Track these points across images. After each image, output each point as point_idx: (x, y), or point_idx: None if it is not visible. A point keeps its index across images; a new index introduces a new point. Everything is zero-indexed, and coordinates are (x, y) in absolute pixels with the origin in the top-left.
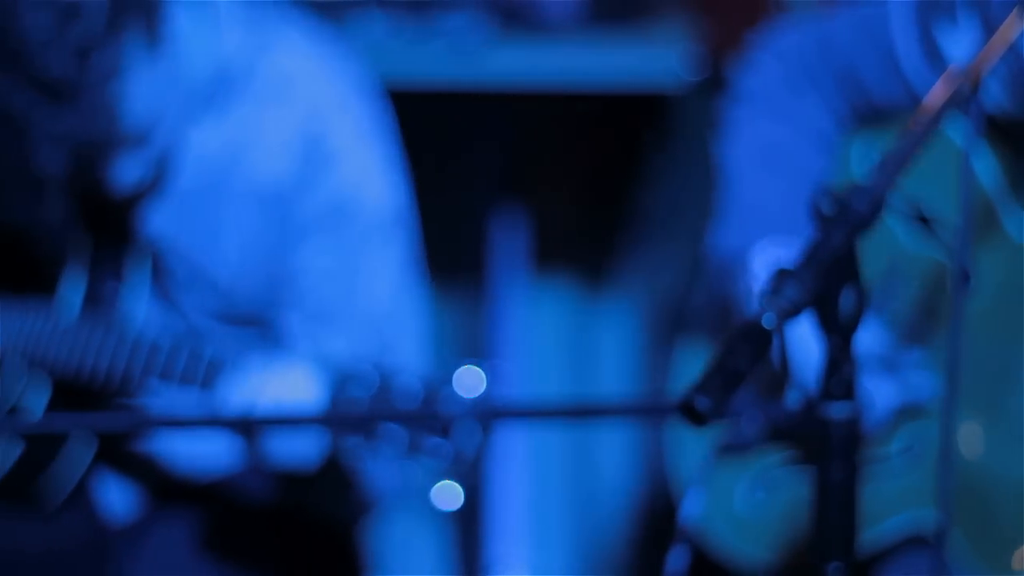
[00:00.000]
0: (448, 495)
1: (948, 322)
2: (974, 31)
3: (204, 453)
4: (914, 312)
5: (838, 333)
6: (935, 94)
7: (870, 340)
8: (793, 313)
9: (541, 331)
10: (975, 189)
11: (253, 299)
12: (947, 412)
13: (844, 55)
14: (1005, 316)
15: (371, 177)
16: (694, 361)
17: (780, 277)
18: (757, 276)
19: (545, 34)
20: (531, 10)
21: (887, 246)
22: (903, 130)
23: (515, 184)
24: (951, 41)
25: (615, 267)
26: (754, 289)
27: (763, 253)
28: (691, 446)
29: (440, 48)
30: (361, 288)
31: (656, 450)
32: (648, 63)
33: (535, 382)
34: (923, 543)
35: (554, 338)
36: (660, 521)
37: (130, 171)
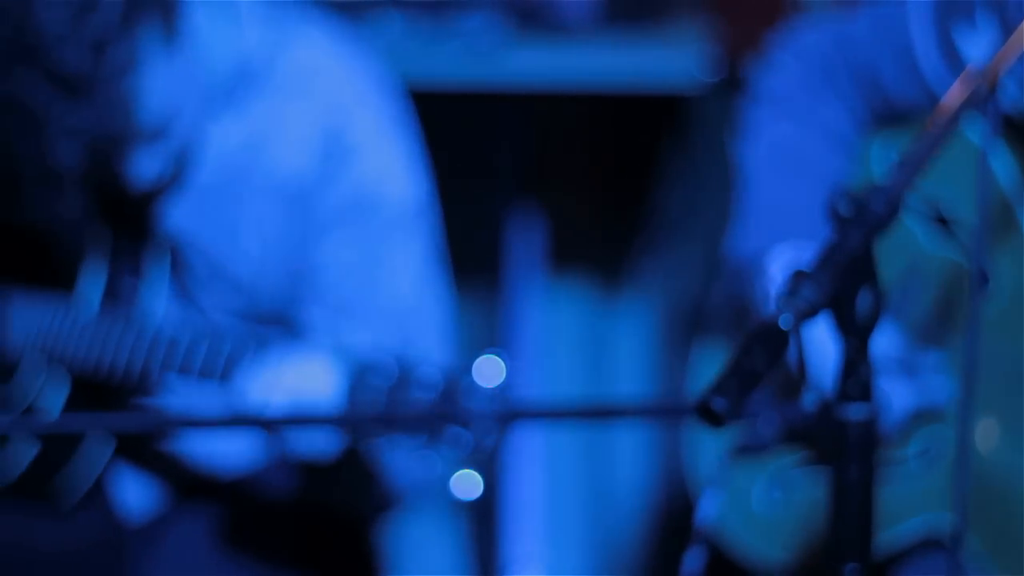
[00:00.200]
0: (467, 484)
1: (965, 323)
2: (993, 32)
3: (226, 451)
4: (932, 314)
5: (855, 334)
6: (953, 94)
7: (887, 342)
8: (810, 314)
9: (558, 331)
10: (993, 189)
11: (274, 295)
12: (964, 414)
13: (863, 56)
14: (1023, 317)
15: (392, 171)
16: (711, 362)
17: (797, 278)
18: (774, 279)
19: (562, 35)
20: (548, 11)
21: (906, 248)
22: (921, 131)
23: (532, 184)
24: (970, 43)
25: (632, 268)
26: (771, 293)
27: (780, 256)
28: (707, 447)
29: (457, 49)
30: (383, 282)
31: (672, 450)
32: (665, 64)
33: (552, 382)
34: (939, 546)
35: (571, 338)
36: (676, 521)
37: (148, 166)
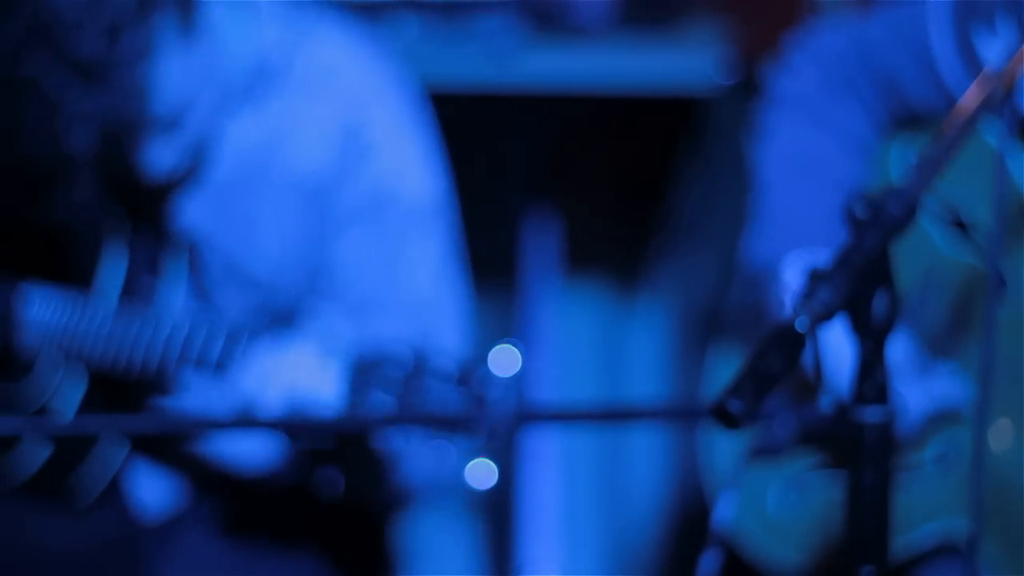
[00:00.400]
0: (482, 473)
1: (982, 327)
2: (1012, 35)
3: (243, 449)
4: (949, 318)
5: (871, 337)
6: (970, 97)
7: (904, 346)
8: (826, 316)
9: (573, 334)
10: (1010, 192)
11: (291, 291)
12: (980, 419)
13: (881, 58)
14: None
15: (410, 167)
16: (726, 364)
17: (813, 280)
18: (788, 287)
19: (578, 37)
20: (564, 13)
21: (923, 252)
22: (938, 133)
23: (548, 187)
24: (989, 46)
25: (647, 270)
26: (786, 300)
27: (795, 264)
28: (723, 449)
29: (474, 51)
30: (401, 278)
31: (688, 453)
32: (681, 66)
33: (567, 385)
34: (955, 551)
35: (586, 341)
36: (692, 523)
37: (163, 156)
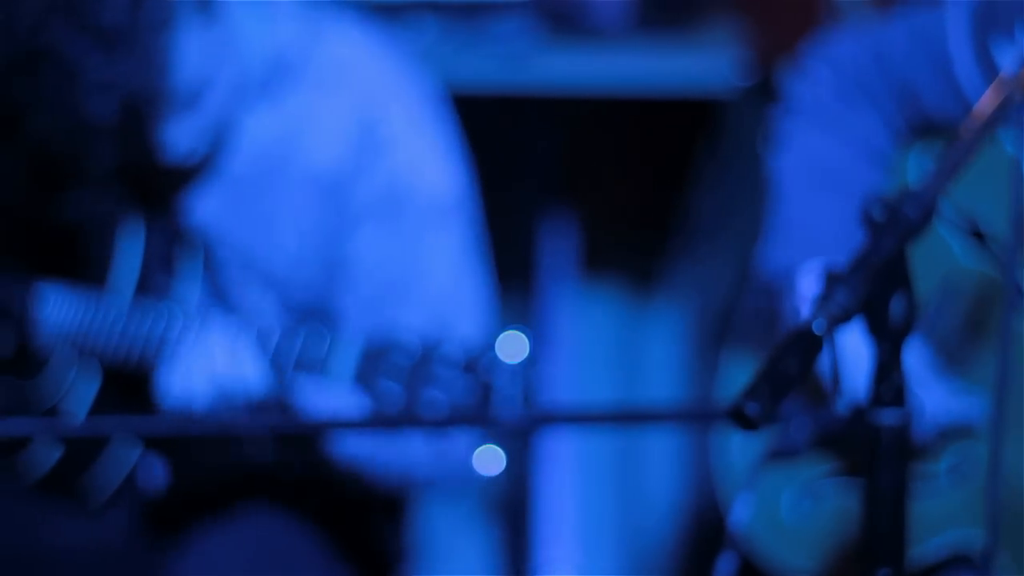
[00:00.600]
0: (490, 459)
1: (998, 338)
2: None
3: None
4: (965, 328)
5: (888, 339)
6: (986, 102)
7: (921, 352)
8: (843, 319)
9: (590, 336)
10: None
11: (308, 287)
12: (995, 430)
13: (898, 66)
14: None
15: (426, 163)
16: (741, 368)
17: (831, 282)
18: (804, 297)
19: (595, 39)
20: (581, 15)
21: (941, 261)
22: (955, 138)
23: (564, 189)
24: (1008, 56)
25: (664, 272)
26: (801, 310)
27: (810, 274)
28: (738, 452)
29: (492, 53)
30: (418, 273)
31: (704, 455)
32: (698, 68)
33: (584, 387)
34: (968, 562)
35: (603, 343)
36: (707, 526)
37: (181, 137)
